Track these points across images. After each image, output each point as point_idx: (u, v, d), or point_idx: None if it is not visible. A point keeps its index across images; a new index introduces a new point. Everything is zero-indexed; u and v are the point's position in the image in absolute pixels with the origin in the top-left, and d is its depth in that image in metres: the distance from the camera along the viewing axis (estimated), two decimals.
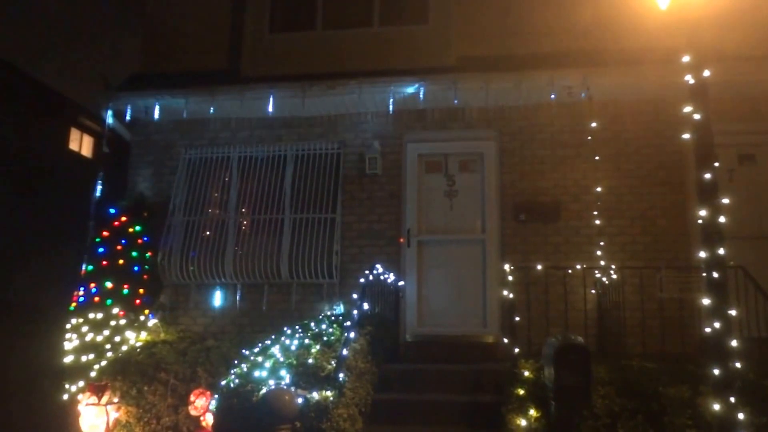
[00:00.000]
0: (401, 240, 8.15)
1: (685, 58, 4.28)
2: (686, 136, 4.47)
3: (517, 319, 6.42)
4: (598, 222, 7.67)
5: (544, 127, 8.12)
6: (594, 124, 7.73)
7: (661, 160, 7.80)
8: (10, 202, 9.67)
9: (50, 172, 10.47)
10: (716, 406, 3.96)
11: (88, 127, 11.87)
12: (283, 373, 5.18)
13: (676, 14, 4.41)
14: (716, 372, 3.95)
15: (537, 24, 8.18)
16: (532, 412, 5.04)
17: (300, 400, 4.78)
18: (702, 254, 4.15)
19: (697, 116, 4.17)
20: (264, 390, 4.89)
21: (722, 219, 4.08)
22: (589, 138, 7.78)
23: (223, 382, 5.34)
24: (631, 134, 7.92)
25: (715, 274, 4.03)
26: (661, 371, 5.45)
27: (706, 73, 4.24)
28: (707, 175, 4.10)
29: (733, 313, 3.99)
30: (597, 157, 7.76)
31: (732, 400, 3.84)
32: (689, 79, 4.24)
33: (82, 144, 11.95)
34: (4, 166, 9.53)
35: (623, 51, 7.57)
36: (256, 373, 5.19)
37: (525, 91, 7.88)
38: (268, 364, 5.35)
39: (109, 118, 8.90)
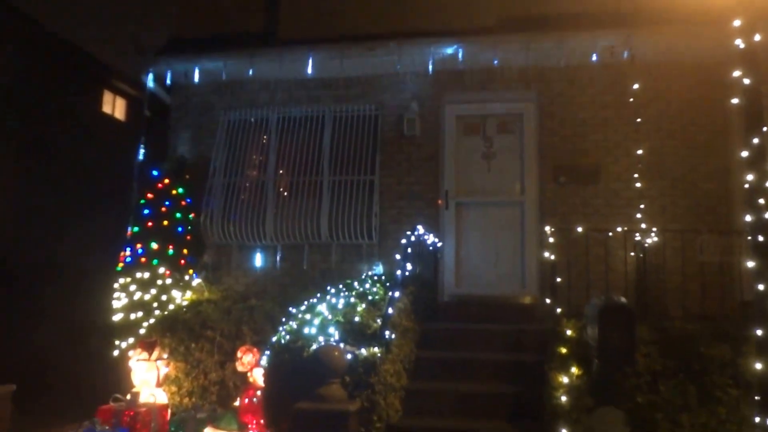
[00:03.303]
0: (439, 202, 8.21)
1: (736, 22, 4.22)
2: (735, 100, 4.42)
3: (558, 280, 6.49)
4: (638, 185, 7.63)
5: (585, 88, 8.04)
6: (636, 86, 7.63)
7: (704, 122, 7.68)
8: (49, 166, 9.89)
9: (85, 134, 10.65)
10: (758, 365, 4.01)
11: (122, 90, 12.02)
12: (331, 330, 5.34)
13: None
14: (759, 333, 4.00)
15: None
16: (575, 369, 5.12)
17: (349, 356, 4.94)
18: (748, 218, 4.16)
19: (746, 81, 4.14)
20: (314, 346, 5.06)
21: None
22: (631, 99, 7.69)
23: (274, 339, 5.51)
24: (674, 96, 7.80)
25: (761, 238, 4.05)
26: (702, 332, 5.47)
27: (757, 37, 4.18)
28: (755, 140, 4.10)
29: None
30: (639, 119, 7.68)
31: None
32: (739, 43, 4.19)
33: (115, 107, 12.12)
34: (41, 130, 9.72)
35: (669, 11, 7.38)
36: (306, 330, 5.35)
37: (566, 51, 7.81)
38: (316, 321, 5.51)
39: (150, 82, 9.06)
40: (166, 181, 8.27)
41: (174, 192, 8.25)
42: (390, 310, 5.56)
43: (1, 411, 5.23)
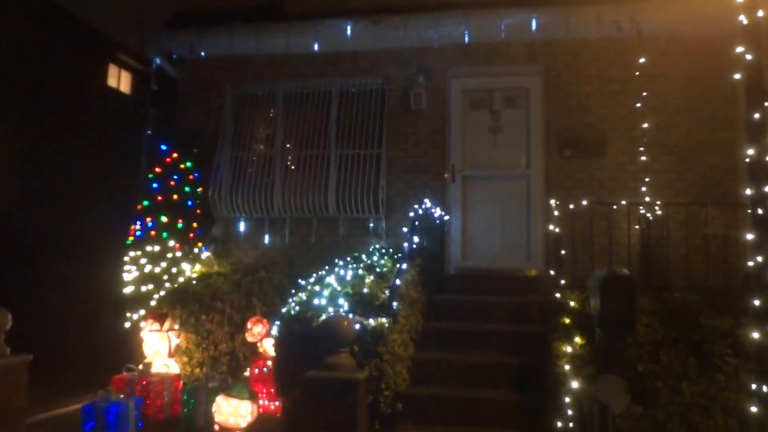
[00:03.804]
0: (446, 175, 8.28)
1: None
2: (737, 76, 4.48)
3: (563, 252, 6.58)
4: (644, 158, 7.67)
5: (591, 62, 8.05)
6: (642, 60, 7.62)
7: (711, 96, 7.67)
8: (56, 141, 9.92)
9: (91, 108, 10.68)
10: (755, 335, 4.12)
11: (127, 64, 12.00)
12: (341, 301, 5.46)
13: None
14: (756, 303, 4.10)
15: None
16: (578, 339, 5.23)
17: (357, 326, 5.05)
18: (748, 191, 4.24)
19: (749, 57, 4.20)
20: (324, 316, 5.18)
21: None
22: (637, 74, 7.69)
23: (284, 309, 5.63)
24: (680, 70, 7.80)
25: (760, 211, 4.14)
26: (703, 303, 5.57)
27: (760, 13, 4.22)
28: (756, 115, 4.16)
29: None
30: (644, 93, 7.70)
31: None
32: (743, 19, 4.24)
33: (120, 80, 12.12)
34: (47, 104, 9.73)
35: None
36: (315, 301, 5.48)
37: (572, 25, 7.82)
38: (326, 292, 5.63)
39: (156, 57, 9.13)
40: (175, 155, 8.37)
41: (182, 166, 8.36)
42: (398, 282, 5.68)
43: (18, 380, 5.39)
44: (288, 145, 8.81)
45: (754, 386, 4.27)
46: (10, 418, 5.26)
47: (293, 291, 6.32)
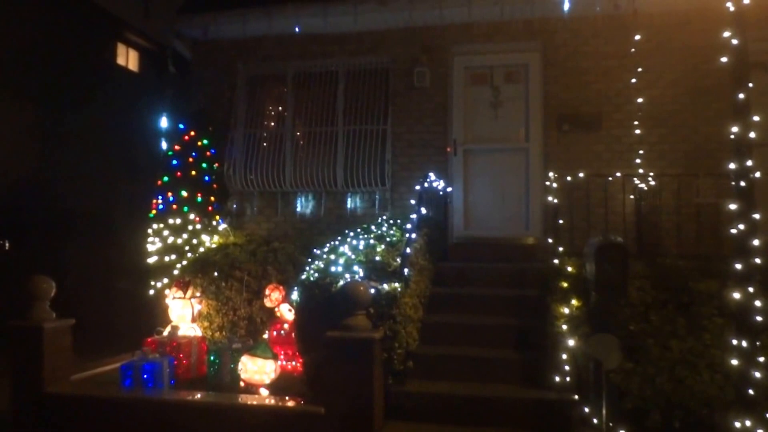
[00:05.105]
0: (448, 149, 8.65)
1: None
2: (724, 59, 4.79)
3: (560, 222, 6.97)
4: (639, 131, 7.96)
5: (589, 38, 8.32)
6: (639, 36, 7.80)
7: (708, 68, 7.74)
8: (71, 119, 10.26)
9: (102, 86, 10.98)
10: (736, 295, 4.51)
11: (134, 42, 12.28)
12: (355, 268, 5.87)
13: None
14: (737, 266, 4.49)
15: None
16: (574, 302, 5.65)
17: (372, 291, 5.45)
18: (732, 166, 4.60)
19: (735, 41, 4.54)
20: (341, 282, 5.60)
21: (753, 135, 4.51)
22: (633, 50, 7.91)
23: (303, 276, 6.05)
24: (677, 44, 8.04)
25: (743, 183, 4.51)
26: (692, 268, 5.91)
27: (746, 0, 4.54)
28: (741, 95, 4.51)
29: (757, 216, 4.46)
30: (640, 69, 7.96)
31: (751, 290, 4.39)
32: (730, 6, 4.57)
33: (128, 59, 12.42)
34: (59, 83, 10.02)
35: None
36: (332, 269, 5.89)
37: (571, 3, 8.06)
38: (341, 261, 6.04)
39: (171, 38, 9.46)
40: (192, 133, 8.75)
41: (199, 143, 8.73)
42: (408, 250, 6.10)
43: (63, 341, 5.91)
44: (298, 123, 9.18)
45: (734, 342, 4.66)
46: (57, 375, 5.79)
47: (308, 260, 6.73)
